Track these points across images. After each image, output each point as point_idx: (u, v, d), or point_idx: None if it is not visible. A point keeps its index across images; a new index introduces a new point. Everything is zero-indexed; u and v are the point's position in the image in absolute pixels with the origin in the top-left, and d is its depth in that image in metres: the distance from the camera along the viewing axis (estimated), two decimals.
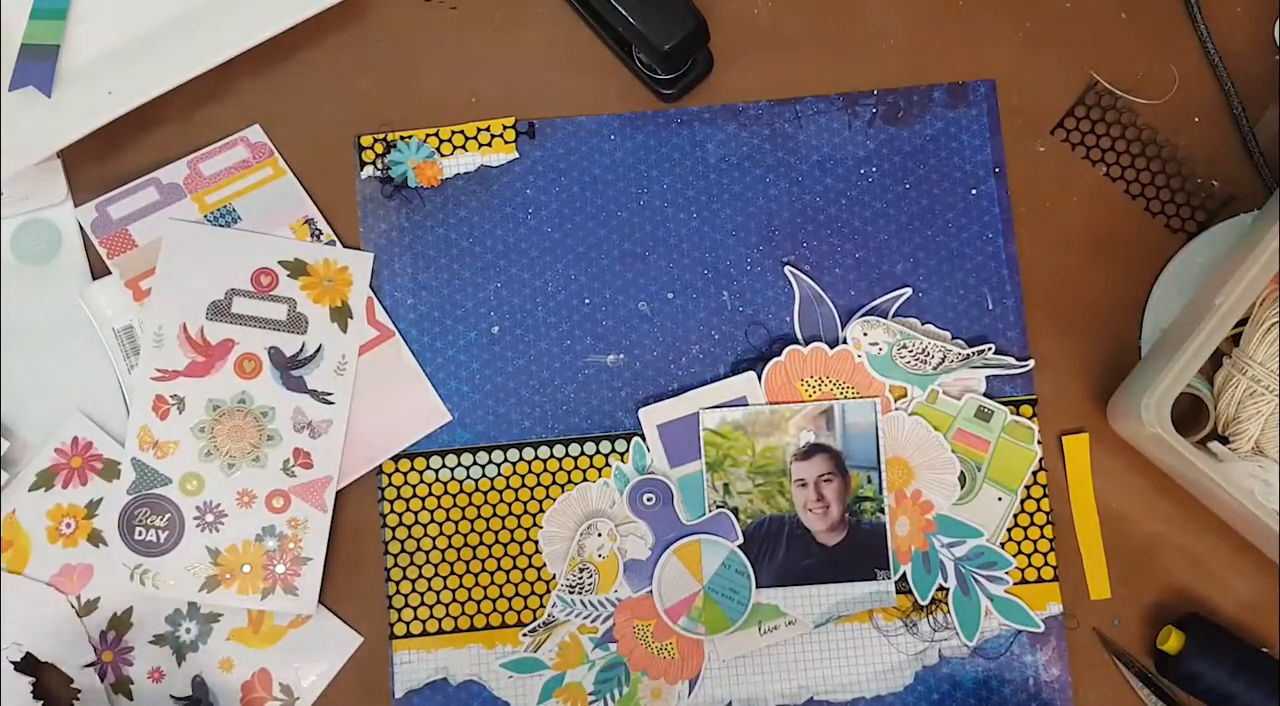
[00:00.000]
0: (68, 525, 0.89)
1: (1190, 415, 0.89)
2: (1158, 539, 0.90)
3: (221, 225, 0.91)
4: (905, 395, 0.90)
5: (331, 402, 0.90)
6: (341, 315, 0.91)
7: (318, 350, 0.90)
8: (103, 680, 0.88)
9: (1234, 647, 0.86)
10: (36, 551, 0.89)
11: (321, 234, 0.92)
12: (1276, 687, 0.85)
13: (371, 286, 0.92)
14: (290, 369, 0.90)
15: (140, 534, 0.88)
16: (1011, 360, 0.90)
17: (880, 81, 0.94)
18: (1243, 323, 0.86)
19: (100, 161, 0.93)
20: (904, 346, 0.90)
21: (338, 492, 0.90)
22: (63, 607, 0.89)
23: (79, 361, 0.91)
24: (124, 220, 0.91)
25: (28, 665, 0.88)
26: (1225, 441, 0.86)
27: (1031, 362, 0.91)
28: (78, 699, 0.88)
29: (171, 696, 0.88)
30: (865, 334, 0.90)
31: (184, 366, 0.89)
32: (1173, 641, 0.86)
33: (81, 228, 0.91)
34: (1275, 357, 0.84)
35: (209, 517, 0.88)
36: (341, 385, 0.90)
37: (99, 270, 0.92)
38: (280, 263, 0.91)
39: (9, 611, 0.88)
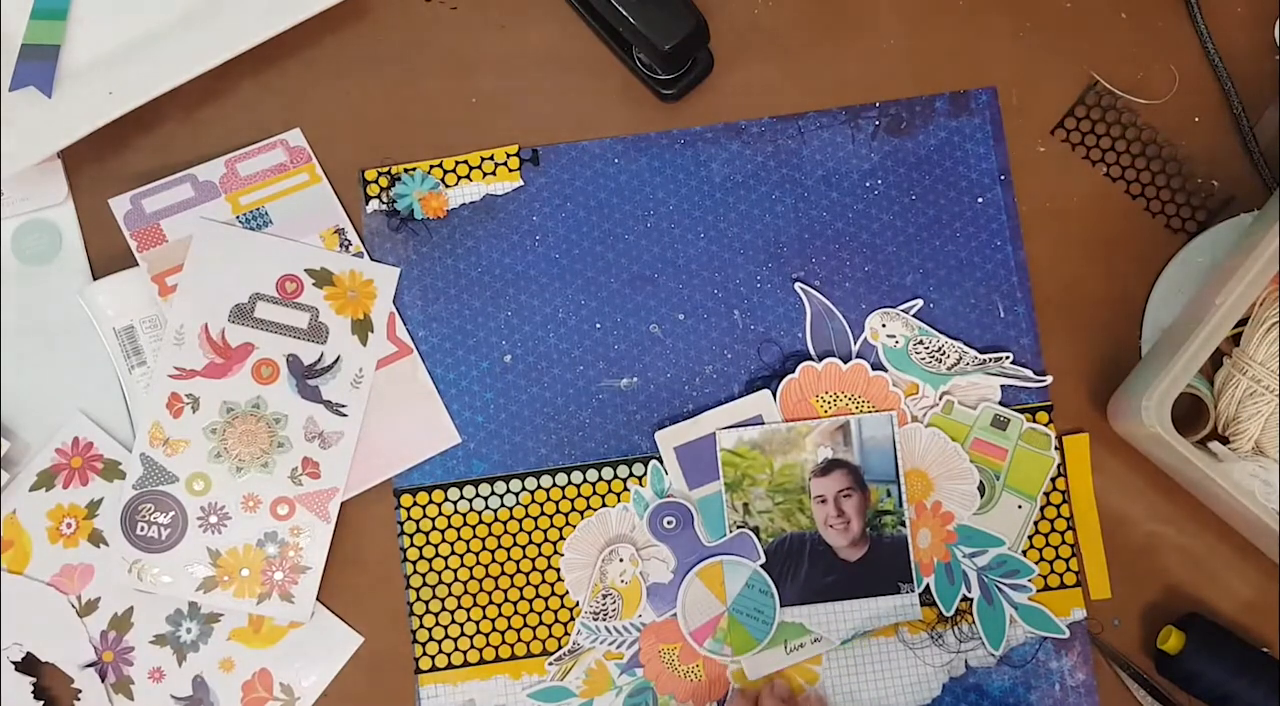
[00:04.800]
0: (68, 525, 0.89)
1: (1190, 415, 0.89)
2: (1158, 539, 0.90)
3: (253, 227, 0.91)
4: (917, 391, 0.90)
5: (345, 415, 0.90)
6: (363, 328, 0.91)
7: (336, 361, 0.90)
8: (103, 680, 0.88)
9: (1234, 647, 0.86)
10: (37, 551, 0.89)
11: (350, 244, 0.92)
12: (1277, 687, 0.85)
13: (395, 303, 0.92)
14: (307, 377, 0.90)
15: (142, 529, 0.88)
16: (1030, 373, 0.91)
17: (883, 81, 0.94)
18: (1243, 322, 0.86)
19: (100, 162, 0.93)
20: (920, 342, 0.90)
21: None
22: (63, 607, 0.89)
23: (79, 361, 0.91)
24: (157, 215, 0.91)
25: (28, 665, 0.88)
26: (1225, 441, 0.87)
27: (1050, 379, 0.91)
28: (78, 699, 0.88)
29: (172, 696, 0.89)
30: (884, 325, 0.90)
31: (202, 366, 0.89)
32: (1173, 641, 0.86)
33: (114, 218, 0.91)
34: (1275, 357, 0.84)
35: (212, 519, 0.88)
36: (356, 398, 0.90)
37: (99, 270, 0.91)
38: (306, 270, 0.91)
39: (9, 611, 0.88)
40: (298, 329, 0.90)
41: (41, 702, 0.87)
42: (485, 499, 0.90)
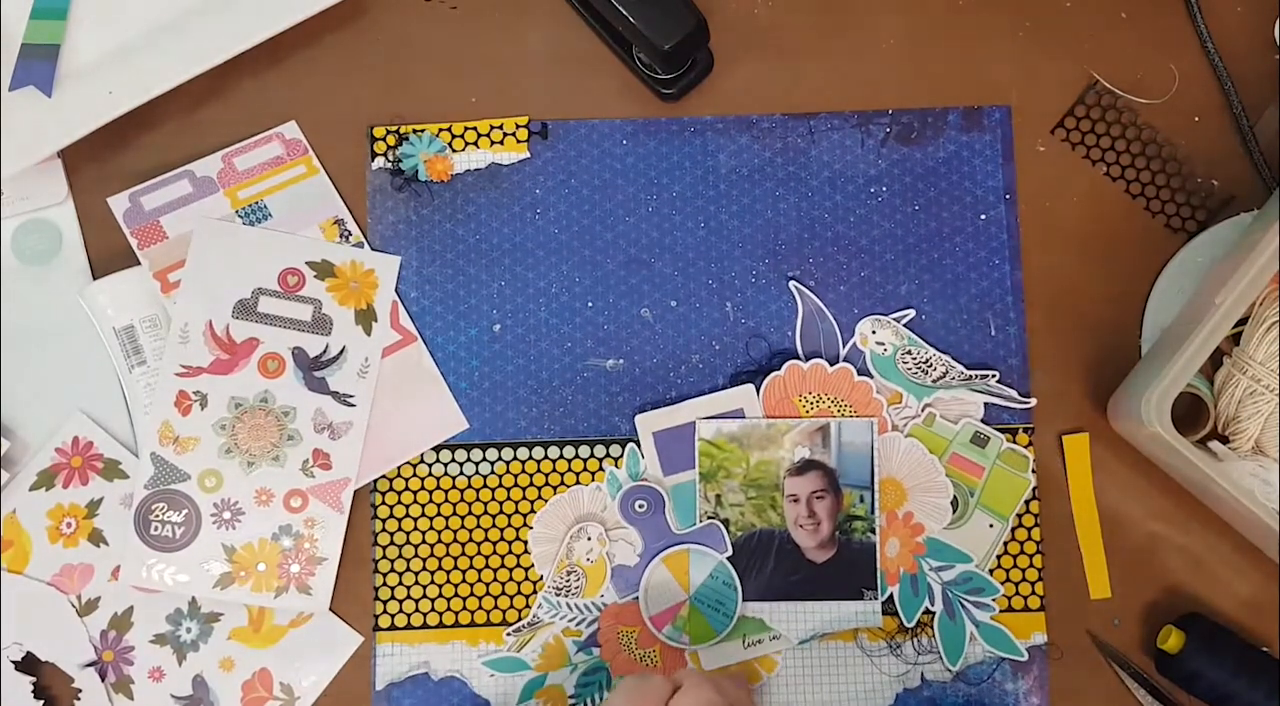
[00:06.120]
0: (68, 525, 0.89)
1: (1190, 414, 0.89)
2: (1158, 539, 0.90)
3: (252, 222, 0.92)
4: (900, 401, 0.90)
5: (353, 405, 0.90)
6: (366, 318, 0.91)
7: (341, 352, 0.90)
8: (103, 680, 0.88)
9: (1235, 647, 0.86)
10: (37, 551, 0.89)
11: (350, 235, 0.92)
12: (1277, 687, 0.85)
13: (397, 290, 0.92)
14: (313, 370, 0.90)
15: (156, 529, 0.88)
16: (1014, 394, 0.91)
17: (884, 83, 0.94)
18: (1243, 322, 0.86)
19: (100, 161, 0.93)
20: (908, 352, 0.90)
21: None
22: (63, 607, 0.89)
23: (79, 361, 0.91)
24: (156, 211, 0.91)
25: (28, 665, 0.88)
26: (1225, 441, 0.87)
27: (1033, 401, 0.91)
28: (78, 698, 0.88)
29: (172, 696, 0.88)
30: (874, 332, 0.90)
31: (208, 363, 0.89)
32: (1173, 640, 0.86)
33: (113, 217, 0.91)
34: (1275, 357, 0.84)
35: (226, 515, 0.88)
36: (363, 388, 0.90)
37: (99, 270, 0.92)
38: (308, 263, 0.91)
39: (9, 611, 0.88)
40: (301, 322, 0.90)
41: (41, 702, 0.87)
42: (460, 465, 0.90)
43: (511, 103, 0.94)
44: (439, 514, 0.90)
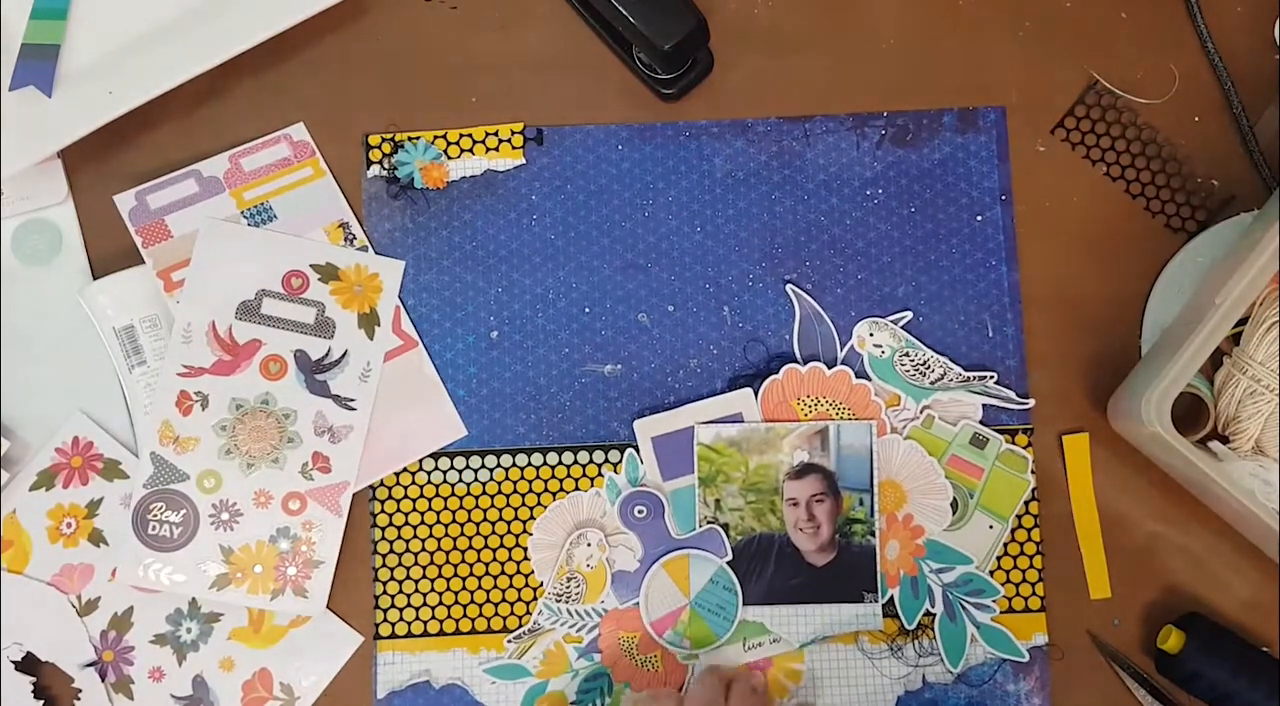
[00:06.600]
0: (68, 525, 0.89)
1: (1190, 414, 0.89)
2: (1158, 539, 0.90)
3: (256, 223, 0.92)
4: (898, 403, 0.90)
5: (354, 409, 0.90)
6: (369, 322, 0.91)
7: (343, 355, 0.90)
8: (103, 680, 0.88)
9: (1235, 647, 0.86)
10: (37, 551, 0.89)
11: (355, 238, 0.92)
12: (1277, 687, 0.85)
13: (400, 295, 0.92)
14: (315, 373, 0.90)
15: (154, 528, 0.88)
16: (1012, 395, 0.91)
17: (883, 83, 0.94)
18: (1243, 322, 0.86)
19: (101, 161, 0.93)
20: (906, 354, 0.90)
21: None
22: (63, 607, 0.89)
23: (79, 361, 0.91)
24: (161, 210, 0.91)
25: (28, 665, 0.88)
26: (1225, 441, 0.86)
27: (1031, 402, 0.91)
28: (78, 698, 0.88)
29: (172, 696, 0.88)
30: (871, 334, 0.90)
31: (210, 364, 0.89)
32: (1173, 641, 0.86)
33: (119, 215, 0.91)
34: (1275, 357, 0.84)
35: (224, 516, 0.88)
36: (364, 392, 0.90)
37: (99, 270, 0.92)
38: (312, 266, 0.91)
39: (9, 611, 0.88)
40: (304, 324, 0.90)
41: (41, 702, 0.87)
42: (460, 472, 0.90)
43: (512, 102, 0.94)
44: (438, 521, 0.90)
